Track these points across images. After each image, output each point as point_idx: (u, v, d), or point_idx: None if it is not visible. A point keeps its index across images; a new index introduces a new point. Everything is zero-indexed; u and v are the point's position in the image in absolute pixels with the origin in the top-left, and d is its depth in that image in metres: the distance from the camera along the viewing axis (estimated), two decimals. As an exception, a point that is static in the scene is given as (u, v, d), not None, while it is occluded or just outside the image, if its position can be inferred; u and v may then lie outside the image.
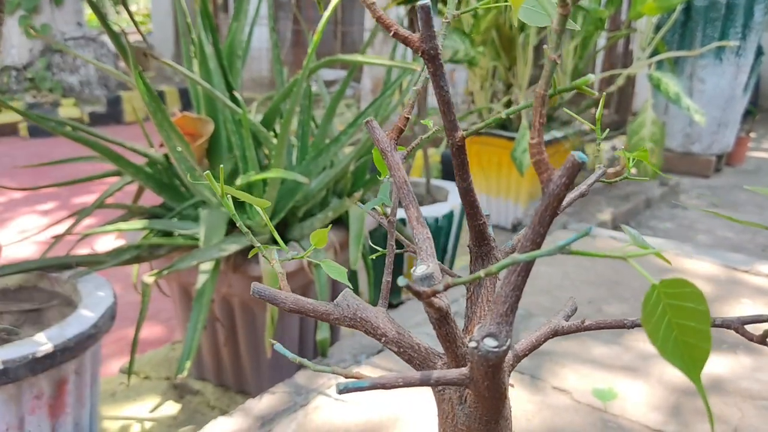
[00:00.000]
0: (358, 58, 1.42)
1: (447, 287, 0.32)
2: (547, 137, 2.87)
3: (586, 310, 1.86)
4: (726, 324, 0.47)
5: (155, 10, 8.95)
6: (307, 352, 1.80)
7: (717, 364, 1.59)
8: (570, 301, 0.57)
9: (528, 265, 0.36)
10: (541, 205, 0.36)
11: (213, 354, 1.79)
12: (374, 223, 1.86)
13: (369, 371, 1.52)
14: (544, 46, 0.40)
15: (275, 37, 1.61)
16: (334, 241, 1.67)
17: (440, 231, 2.19)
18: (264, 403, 1.44)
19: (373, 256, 0.50)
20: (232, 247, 1.44)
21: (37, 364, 1.13)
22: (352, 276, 2.03)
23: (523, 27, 2.69)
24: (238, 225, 0.50)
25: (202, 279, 1.47)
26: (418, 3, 0.41)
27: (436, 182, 2.48)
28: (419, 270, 0.40)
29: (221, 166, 0.50)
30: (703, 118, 2.60)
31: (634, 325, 0.55)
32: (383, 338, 0.43)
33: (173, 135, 1.47)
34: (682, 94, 2.60)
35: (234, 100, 1.49)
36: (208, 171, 0.48)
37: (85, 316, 1.24)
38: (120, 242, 2.36)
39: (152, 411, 1.73)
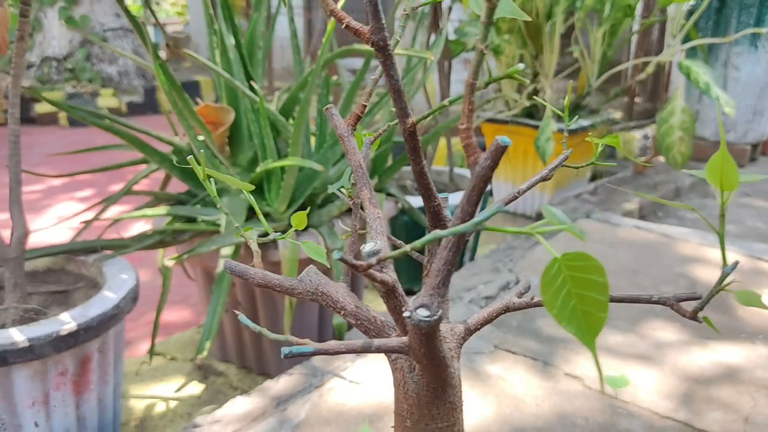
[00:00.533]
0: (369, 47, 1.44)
1: (379, 261, 0.34)
2: (573, 126, 2.85)
3: (604, 298, 1.86)
4: (662, 301, 0.49)
5: (192, 1, 9.07)
6: (327, 335, 1.85)
7: (733, 354, 1.59)
8: (524, 279, 0.59)
9: (458, 242, 0.38)
10: (469, 186, 0.39)
11: (236, 337, 1.84)
12: (394, 209, 1.88)
13: (383, 355, 1.56)
14: (567, 50, 0.42)
15: (293, 28, 1.64)
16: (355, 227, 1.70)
17: (461, 219, 2.21)
18: (281, 384, 1.48)
19: (344, 237, 0.53)
20: (251, 233, 1.49)
21: (61, 342, 1.19)
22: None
23: (549, 15, 2.68)
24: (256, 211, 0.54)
25: (222, 263, 1.52)
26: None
27: (460, 171, 2.49)
28: (367, 246, 0.43)
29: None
30: (732, 110, 2.56)
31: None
32: (342, 311, 0.46)
33: (195, 124, 1.52)
34: (712, 84, 2.57)
35: (253, 89, 1.53)
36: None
37: (108, 297, 1.30)
38: (148, 227, 2.43)
39: (177, 390, 1.80)
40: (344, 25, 0.46)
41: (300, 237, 1.60)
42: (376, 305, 2.24)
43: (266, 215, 1.61)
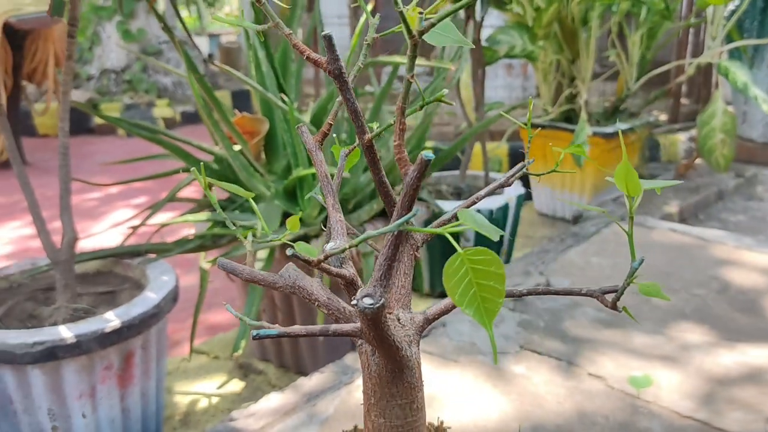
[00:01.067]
0: (396, 59, 1.51)
1: (326, 257, 0.41)
2: (610, 129, 2.87)
3: (633, 300, 1.88)
4: (589, 293, 0.54)
5: (246, 11, 9.30)
6: (359, 336, 1.91)
7: (761, 355, 1.59)
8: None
9: (396, 240, 0.44)
10: (402, 192, 0.45)
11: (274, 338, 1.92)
12: (426, 213, 1.94)
13: (411, 354, 1.61)
14: (604, 54, 0.48)
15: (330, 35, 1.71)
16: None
17: (495, 223, 2.25)
18: (313, 381, 1.56)
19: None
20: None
21: (106, 339, 1.28)
22: (419, 266, 2.12)
23: (585, 21, 2.70)
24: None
25: (257, 266, 1.60)
26: (322, 33, 0.50)
27: (495, 175, 2.54)
28: (328, 246, 0.49)
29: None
30: (772, 107, 2.54)
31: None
32: (316, 302, 0.53)
33: (232, 133, 1.61)
34: (750, 84, 2.55)
35: (284, 101, 1.61)
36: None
37: (150, 297, 1.40)
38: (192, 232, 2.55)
39: (219, 387, 1.89)
40: (305, 56, 0.53)
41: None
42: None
43: (299, 220, 1.69)
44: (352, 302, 0.43)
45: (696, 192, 2.96)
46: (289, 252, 0.40)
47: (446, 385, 1.48)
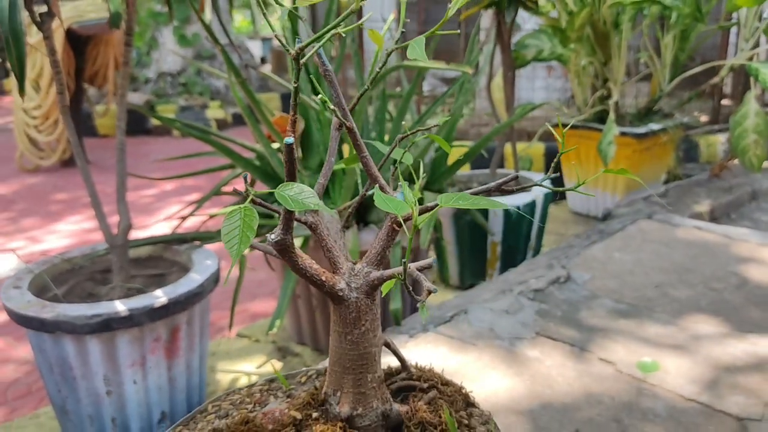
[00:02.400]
0: (419, 63, 1.63)
1: (252, 248, 0.54)
2: (642, 130, 2.92)
3: (651, 293, 1.96)
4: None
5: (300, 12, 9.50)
6: (388, 321, 2.04)
7: (766, 345, 1.66)
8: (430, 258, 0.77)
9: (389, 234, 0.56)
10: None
11: (310, 322, 2.07)
12: (453, 208, 2.06)
13: (433, 337, 1.73)
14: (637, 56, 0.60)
15: (355, 47, 1.85)
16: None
17: (522, 219, 2.35)
18: (342, 360, 1.69)
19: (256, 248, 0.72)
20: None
21: (155, 313, 1.44)
22: (442, 258, 2.24)
23: (617, 24, 2.77)
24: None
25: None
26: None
27: (526, 174, 2.63)
28: (270, 236, 0.62)
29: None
30: (803, 108, 2.56)
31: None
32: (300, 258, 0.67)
33: (271, 132, 1.76)
34: (781, 85, 2.58)
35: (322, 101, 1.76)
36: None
37: (194, 278, 1.55)
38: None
39: (258, 367, 2.04)
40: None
41: (361, 232, 1.80)
42: (437, 298, 2.42)
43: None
44: (267, 237, 0.59)
45: (729, 192, 3.00)
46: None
47: (462, 366, 1.60)
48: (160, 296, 1.45)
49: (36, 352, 1.51)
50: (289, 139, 0.55)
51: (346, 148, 1.82)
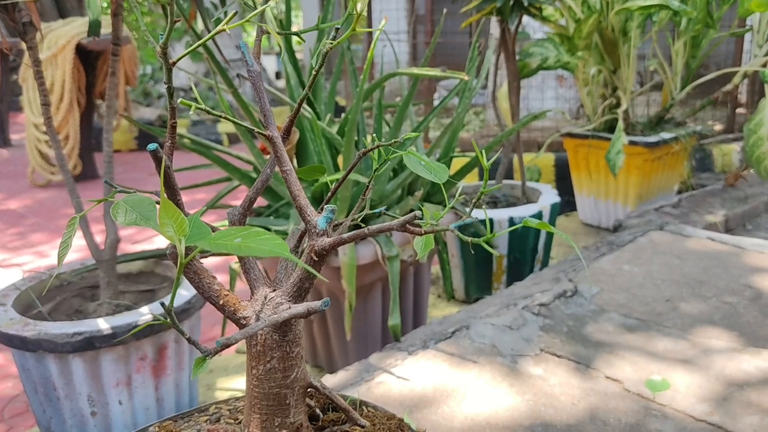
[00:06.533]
0: (414, 70, 1.58)
1: (172, 258, 0.49)
2: (654, 139, 2.85)
3: (662, 307, 1.88)
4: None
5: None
6: (388, 337, 1.98)
7: (784, 362, 1.58)
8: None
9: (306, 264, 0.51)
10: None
11: (308, 339, 2.01)
12: (453, 219, 2.00)
13: (433, 354, 1.67)
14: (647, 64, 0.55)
15: (350, 55, 1.81)
16: (409, 237, 1.83)
17: (529, 231, 2.29)
18: (338, 377, 1.63)
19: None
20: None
21: (141, 331, 1.39)
22: (445, 271, 2.18)
23: (625, 31, 2.71)
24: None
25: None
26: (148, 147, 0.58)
27: (532, 185, 2.57)
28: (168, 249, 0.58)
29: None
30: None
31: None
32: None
33: (266, 143, 1.72)
34: (796, 91, 2.50)
35: (316, 113, 1.71)
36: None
37: (183, 294, 1.50)
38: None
39: (255, 385, 1.98)
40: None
41: (357, 245, 1.75)
42: (438, 311, 2.35)
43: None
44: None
45: (744, 202, 2.91)
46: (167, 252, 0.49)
47: (462, 384, 1.53)
48: (145, 313, 1.40)
49: (20, 371, 1.47)
50: (152, 145, 0.50)
51: (340, 160, 1.77)
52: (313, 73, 0.63)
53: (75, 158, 5.04)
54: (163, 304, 0.51)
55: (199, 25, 1.79)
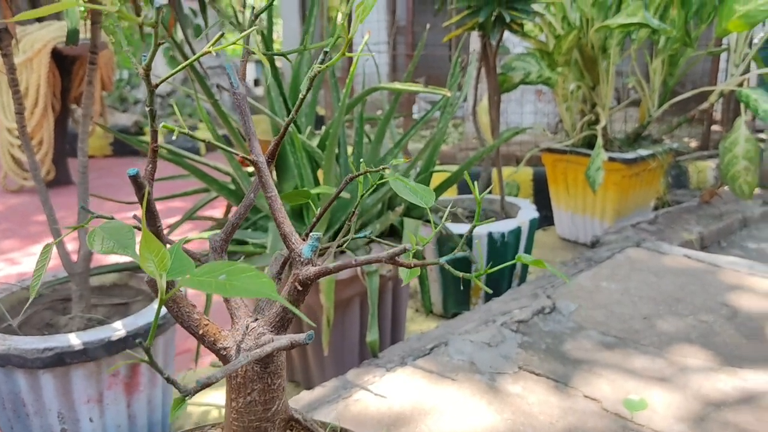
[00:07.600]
0: (396, 85, 1.57)
1: (150, 285, 0.47)
2: (631, 155, 2.87)
3: (639, 324, 1.89)
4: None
5: (285, 38, 9.51)
6: (367, 351, 1.96)
7: (760, 381, 1.59)
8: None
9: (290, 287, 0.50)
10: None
11: (285, 354, 1.98)
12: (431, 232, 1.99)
13: (411, 371, 1.65)
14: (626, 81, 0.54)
15: (332, 69, 1.80)
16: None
17: (507, 246, 2.28)
18: (314, 394, 1.61)
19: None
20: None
21: (113, 347, 1.36)
22: (424, 286, 2.16)
23: (604, 48, 2.73)
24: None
25: (264, 282, 1.67)
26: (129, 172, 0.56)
27: (511, 199, 2.57)
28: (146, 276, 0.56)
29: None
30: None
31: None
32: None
33: (245, 156, 1.69)
34: (771, 111, 2.54)
35: (296, 125, 1.69)
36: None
37: (156, 308, 1.47)
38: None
39: (230, 400, 1.95)
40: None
41: (337, 259, 1.73)
42: (417, 326, 2.34)
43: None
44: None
45: (719, 219, 2.94)
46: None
47: (440, 402, 1.52)
48: (118, 328, 1.37)
49: (-12, 386, 1.43)
50: (132, 170, 0.48)
51: (321, 173, 1.76)
52: (300, 97, 0.62)
53: (48, 164, 4.96)
54: (141, 343, 0.49)
55: (179, 34, 1.76)
